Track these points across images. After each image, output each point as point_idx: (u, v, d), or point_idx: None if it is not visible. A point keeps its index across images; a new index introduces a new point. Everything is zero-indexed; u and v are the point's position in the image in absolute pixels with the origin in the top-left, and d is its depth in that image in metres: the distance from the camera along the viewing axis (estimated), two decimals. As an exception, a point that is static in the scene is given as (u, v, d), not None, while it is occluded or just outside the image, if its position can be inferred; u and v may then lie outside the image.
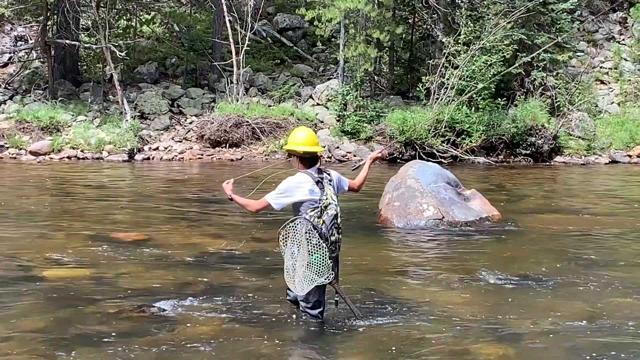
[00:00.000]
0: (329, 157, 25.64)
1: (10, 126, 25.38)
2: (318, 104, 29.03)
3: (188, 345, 6.79)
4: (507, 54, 26.59)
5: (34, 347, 6.65)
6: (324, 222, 7.10)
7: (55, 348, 6.64)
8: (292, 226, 7.10)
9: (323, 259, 7.05)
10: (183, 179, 20.76)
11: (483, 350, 6.91)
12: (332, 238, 7.14)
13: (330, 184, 7.27)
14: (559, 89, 28.77)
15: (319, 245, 7.04)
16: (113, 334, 7.07)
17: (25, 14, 30.37)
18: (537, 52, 27.30)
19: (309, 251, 7.02)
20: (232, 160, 25.06)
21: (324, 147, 25.76)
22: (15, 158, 23.91)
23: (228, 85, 28.29)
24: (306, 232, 7.03)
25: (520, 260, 10.65)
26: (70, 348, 6.64)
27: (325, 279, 7.10)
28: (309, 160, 7.31)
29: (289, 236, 7.11)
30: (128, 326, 7.33)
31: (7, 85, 28.94)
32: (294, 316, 7.57)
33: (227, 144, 25.99)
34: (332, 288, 7.36)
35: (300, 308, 7.45)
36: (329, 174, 7.37)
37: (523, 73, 28.88)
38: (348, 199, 15.56)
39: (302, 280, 7.06)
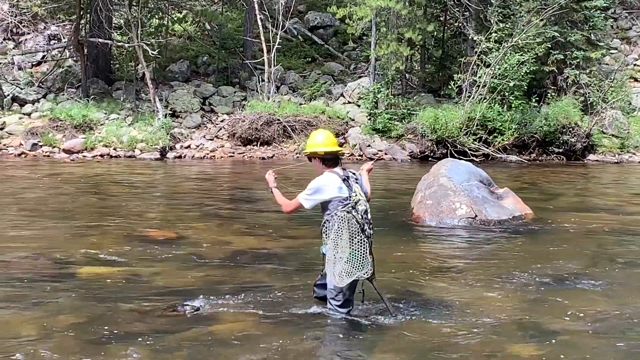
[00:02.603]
0: (360, 155, 25.65)
1: (43, 124, 25.60)
2: (349, 102, 29.03)
3: (220, 343, 6.81)
4: (540, 51, 26.44)
5: (70, 344, 6.70)
6: (359, 217, 7.20)
7: (90, 345, 6.69)
8: (336, 219, 7.18)
9: (364, 254, 7.19)
10: (215, 177, 20.81)
11: (517, 349, 6.86)
12: (368, 232, 7.27)
13: (357, 182, 7.39)
14: (592, 86, 28.56)
15: (362, 241, 7.18)
16: (147, 331, 7.10)
17: (58, 12, 30.62)
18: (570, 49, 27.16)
19: (350, 247, 7.14)
20: (263, 158, 25.10)
21: (355, 145, 25.78)
22: (48, 156, 24.09)
23: (259, 83, 28.33)
24: (349, 227, 7.14)
25: (554, 259, 10.56)
26: (105, 345, 6.68)
27: (364, 274, 7.22)
28: (331, 160, 7.43)
29: (332, 229, 7.19)
30: (162, 324, 7.36)
31: (40, 84, 29.16)
32: (325, 314, 7.57)
33: (259, 142, 26.03)
34: (361, 289, 7.47)
35: (329, 306, 7.47)
36: (354, 173, 7.49)
37: (556, 71, 28.72)
38: (381, 197, 15.57)
39: (342, 273, 7.16)
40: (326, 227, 7.28)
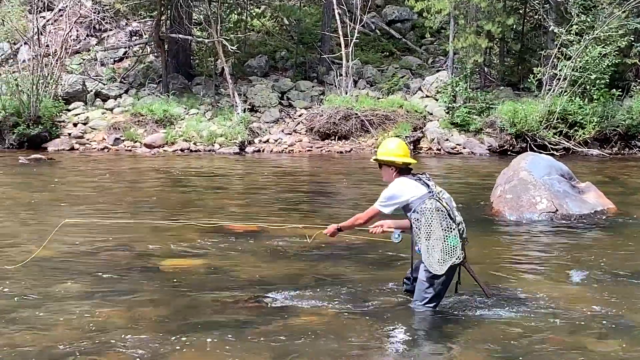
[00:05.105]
0: (438, 149, 25.55)
1: (125, 119, 26.05)
2: (427, 96, 28.88)
3: (301, 335, 6.86)
4: (622, 44, 25.93)
5: (156, 334, 6.83)
6: (445, 205, 7.27)
7: (174, 335, 6.80)
8: (424, 211, 7.22)
9: (455, 240, 7.22)
10: (293, 171, 20.93)
11: (599, 345, 6.77)
12: (457, 219, 7.32)
13: (430, 181, 7.48)
14: (676, 78, 27.95)
15: (450, 227, 7.21)
16: (229, 322, 7.21)
17: (139, 9, 31.12)
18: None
19: (442, 234, 7.19)
20: (341, 152, 25.16)
21: (433, 139, 25.71)
22: (130, 150, 24.54)
23: (337, 77, 28.38)
24: (438, 216, 7.19)
25: (638, 254, 10.39)
26: (188, 336, 6.79)
27: (457, 259, 7.24)
28: (406, 170, 7.56)
29: (422, 223, 7.23)
30: (243, 315, 7.46)
31: (122, 79, 29.69)
32: (406, 308, 7.58)
33: (336, 137, 26.09)
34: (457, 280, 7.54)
35: (415, 298, 7.50)
36: (424, 173, 7.63)
37: (639, 63, 28.12)
38: (460, 191, 15.48)
39: (440, 261, 7.20)
40: (416, 226, 7.29)
